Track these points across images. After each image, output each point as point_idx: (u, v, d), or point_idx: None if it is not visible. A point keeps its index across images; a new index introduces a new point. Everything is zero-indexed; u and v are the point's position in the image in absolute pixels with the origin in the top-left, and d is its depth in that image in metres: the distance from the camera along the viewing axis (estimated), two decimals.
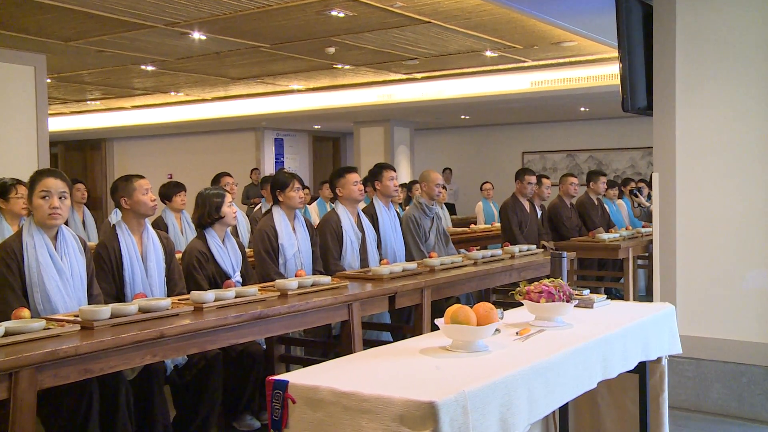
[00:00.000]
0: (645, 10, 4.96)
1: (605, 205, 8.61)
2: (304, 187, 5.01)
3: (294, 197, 4.87)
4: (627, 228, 8.36)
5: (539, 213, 7.63)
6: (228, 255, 4.43)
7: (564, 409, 3.46)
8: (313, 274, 4.84)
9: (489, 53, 9.67)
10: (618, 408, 3.46)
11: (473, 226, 9.29)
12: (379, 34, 8.35)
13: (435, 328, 2.69)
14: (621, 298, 7.45)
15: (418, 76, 11.82)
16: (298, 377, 2.24)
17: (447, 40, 8.75)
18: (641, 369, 3.21)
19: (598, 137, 15.28)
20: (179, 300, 3.66)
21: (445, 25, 7.93)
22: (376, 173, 5.69)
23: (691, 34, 4.75)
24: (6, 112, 7.95)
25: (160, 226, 6.15)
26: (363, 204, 5.67)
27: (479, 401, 2.09)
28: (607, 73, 10.40)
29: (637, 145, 14.60)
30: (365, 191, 5.56)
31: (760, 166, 4.56)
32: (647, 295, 8.48)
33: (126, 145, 19.26)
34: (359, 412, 2.06)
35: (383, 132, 15.08)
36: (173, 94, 13.62)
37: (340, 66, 10.62)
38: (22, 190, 4.89)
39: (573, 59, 10.40)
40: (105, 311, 3.13)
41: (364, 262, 5.28)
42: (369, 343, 4.49)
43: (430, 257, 5.17)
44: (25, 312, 3.11)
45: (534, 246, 6.24)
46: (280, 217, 4.87)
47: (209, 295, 3.57)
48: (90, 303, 3.56)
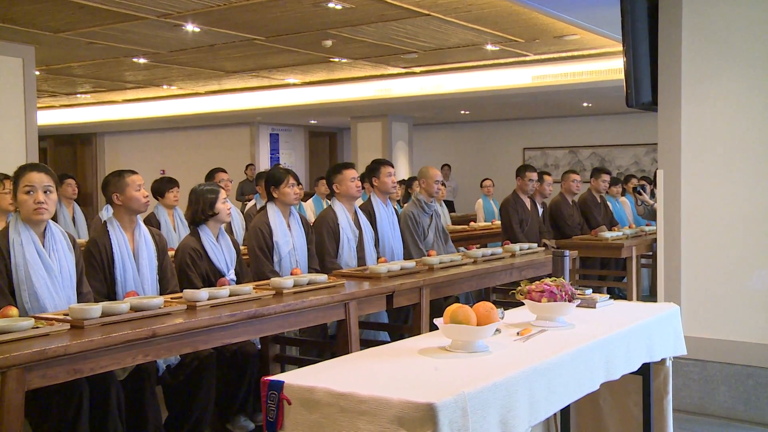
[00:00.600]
0: (650, 2, 4.96)
1: (608, 203, 8.61)
2: (298, 183, 5.01)
3: (289, 193, 4.87)
4: (630, 226, 8.36)
5: (540, 210, 7.64)
6: (222, 252, 4.42)
7: (566, 412, 3.46)
8: (309, 272, 4.84)
9: (490, 47, 9.66)
10: (621, 410, 3.46)
11: (473, 223, 9.29)
12: (378, 26, 8.34)
13: (434, 327, 2.69)
14: (624, 298, 7.46)
15: (417, 70, 11.81)
16: (293, 378, 2.24)
17: (447, 33, 8.74)
18: (645, 370, 3.21)
19: (601, 133, 15.29)
20: (172, 298, 3.65)
21: (445, 18, 7.92)
22: (373, 169, 5.69)
23: (698, 27, 4.74)
24: None
25: (152, 222, 6.15)
26: (360, 201, 5.67)
27: (479, 403, 2.08)
28: (611, 68, 10.41)
29: (642, 142, 14.62)
30: (363, 188, 5.55)
31: (767, 163, 4.56)
32: (651, 295, 8.48)
33: (117, 140, 19.24)
34: (356, 413, 2.06)
35: (381, 127, 15.08)
36: (166, 87, 13.60)
37: (337, 59, 10.61)
38: (9, 185, 4.87)
39: (576, 53, 10.40)
40: (95, 310, 3.12)
41: (361, 260, 5.28)
42: (366, 343, 4.48)
43: (428, 255, 5.16)
44: (13, 310, 3.09)
45: (535, 244, 6.24)
46: (275, 214, 4.87)
47: (202, 294, 3.57)
48: (79, 301, 3.55)
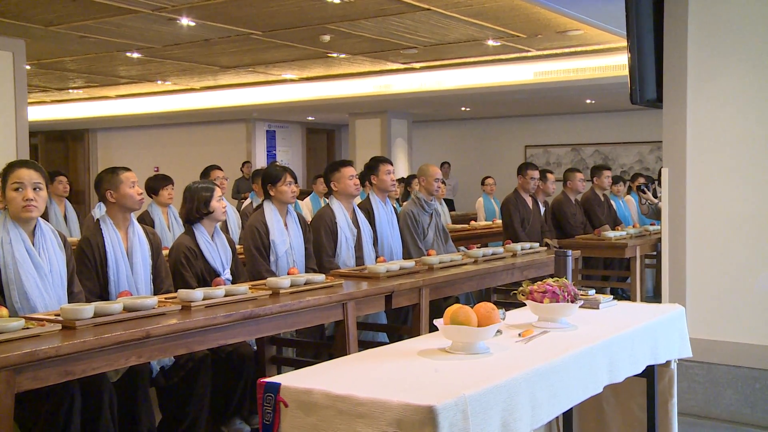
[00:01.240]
0: None
1: (612, 202, 8.62)
2: (295, 181, 5.01)
3: (286, 191, 4.87)
4: (634, 225, 8.37)
5: (542, 209, 7.64)
6: (217, 251, 4.42)
7: (568, 415, 3.46)
8: (306, 272, 4.84)
9: (491, 42, 9.66)
10: (625, 414, 3.47)
11: (473, 222, 9.30)
12: (377, 21, 8.34)
13: (434, 329, 2.69)
14: (628, 298, 7.46)
15: (416, 65, 11.81)
16: (290, 380, 2.24)
17: (447, 28, 8.74)
18: (649, 373, 3.21)
19: (604, 131, 15.29)
20: (166, 298, 3.65)
21: (446, 13, 7.92)
22: (372, 167, 5.69)
23: (705, 22, 4.74)
24: None
25: (146, 221, 6.15)
26: (359, 199, 5.67)
27: (480, 406, 2.08)
28: (615, 64, 10.41)
29: (646, 139, 14.62)
30: (361, 186, 5.56)
31: None
32: (655, 296, 8.49)
33: (110, 136, 19.23)
34: (354, 416, 2.06)
35: (380, 124, 15.08)
36: (160, 82, 13.59)
37: (335, 55, 10.61)
38: None
39: (579, 49, 10.40)
40: (88, 310, 3.12)
41: (359, 259, 5.28)
42: (364, 345, 4.49)
43: (428, 255, 5.16)
44: (3, 311, 3.09)
45: (537, 244, 6.24)
46: (271, 213, 4.87)
47: (197, 294, 3.57)
48: (70, 301, 3.55)
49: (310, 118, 17.08)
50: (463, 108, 14.88)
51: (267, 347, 4.57)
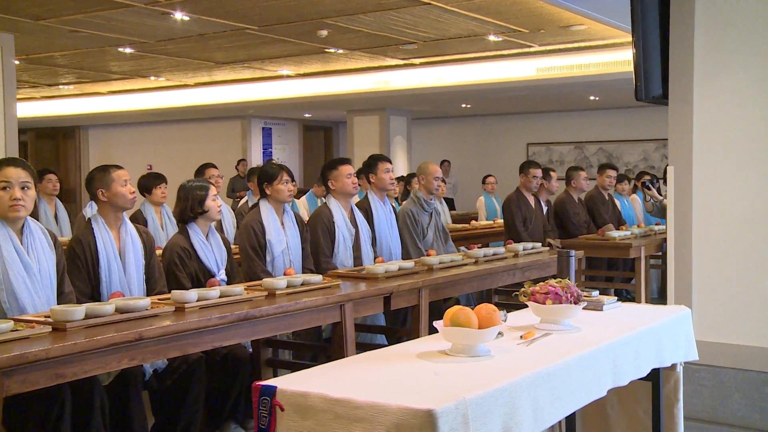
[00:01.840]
0: None
1: (616, 201, 8.62)
2: (292, 180, 5.01)
3: (282, 190, 4.87)
4: (639, 225, 8.37)
5: (545, 209, 7.64)
6: (212, 251, 4.42)
7: (571, 419, 3.46)
8: (303, 272, 4.84)
9: (492, 37, 9.66)
10: (629, 418, 3.47)
11: (474, 222, 9.30)
12: (375, 16, 8.34)
13: (433, 330, 2.69)
14: (632, 300, 7.47)
15: (416, 61, 11.81)
16: (286, 383, 2.24)
17: (447, 23, 8.74)
18: (654, 376, 3.21)
19: (608, 128, 15.30)
20: (159, 300, 3.66)
21: (446, 7, 7.92)
22: (370, 165, 5.69)
23: (712, 17, 4.74)
24: None
25: (138, 220, 6.14)
26: (357, 198, 5.67)
27: (481, 409, 2.08)
28: (620, 60, 10.41)
29: (651, 137, 14.63)
30: (360, 184, 5.56)
31: None
32: (660, 298, 8.49)
33: (102, 133, 19.22)
34: (352, 420, 2.06)
35: (378, 121, 15.08)
36: (153, 78, 13.58)
37: (332, 50, 10.61)
38: None
39: (583, 44, 10.40)
40: (78, 311, 3.12)
41: (357, 260, 5.28)
42: (362, 347, 4.49)
43: (428, 255, 5.17)
44: None
45: (539, 244, 6.24)
46: (267, 212, 4.87)
47: (191, 295, 3.57)
48: (60, 302, 3.54)
49: (307, 115, 17.07)
50: (464, 105, 14.88)
51: (263, 349, 4.57)
